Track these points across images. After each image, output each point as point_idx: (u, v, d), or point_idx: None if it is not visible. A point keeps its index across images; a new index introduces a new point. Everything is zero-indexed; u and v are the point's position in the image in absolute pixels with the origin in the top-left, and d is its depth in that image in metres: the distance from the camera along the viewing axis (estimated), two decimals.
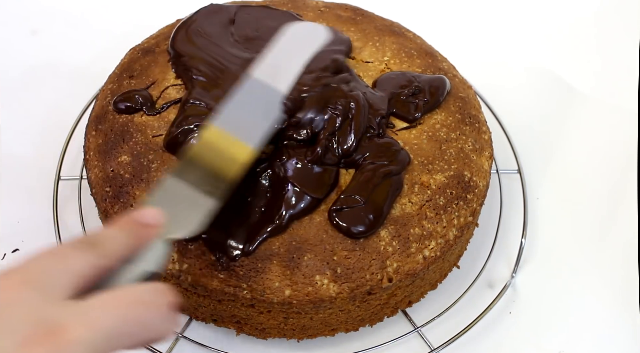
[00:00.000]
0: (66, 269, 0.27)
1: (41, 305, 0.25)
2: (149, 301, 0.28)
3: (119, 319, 0.26)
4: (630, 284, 0.53)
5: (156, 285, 0.29)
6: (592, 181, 0.60)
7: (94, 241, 0.29)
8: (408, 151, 0.47)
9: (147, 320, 0.27)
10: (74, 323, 0.25)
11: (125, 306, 0.27)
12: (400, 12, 0.64)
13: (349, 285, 0.43)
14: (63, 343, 0.24)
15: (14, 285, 0.26)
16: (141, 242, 0.31)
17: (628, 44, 0.72)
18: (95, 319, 0.26)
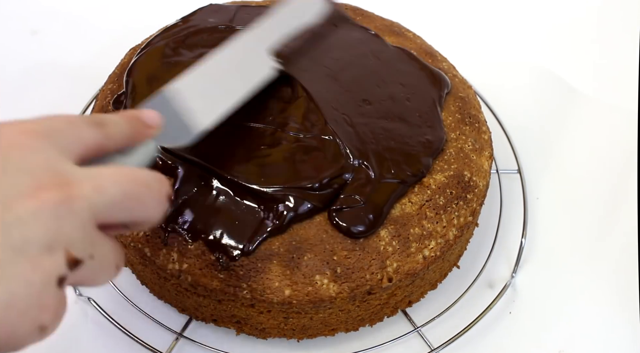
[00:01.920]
0: (77, 135, 0.28)
1: (56, 157, 0.27)
2: (151, 184, 0.29)
3: (123, 190, 0.28)
4: (630, 284, 0.53)
5: (158, 174, 0.30)
6: (592, 181, 0.60)
7: (101, 121, 0.30)
8: None
9: (145, 199, 0.29)
10: (83, 182, 0.26)
11: (131, 181, 0.28)
12: (400, 12, 0.64)
13: (349, 285, 0.43)
14: (71, 196, 0.25)
15: (29, 132, 0.27)
16: (138, 137, 0.33)
17: (628, 44, 0.72)
18: (103, 183, 0.27)
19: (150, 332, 0.48)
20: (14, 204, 0.24)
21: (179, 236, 0.43)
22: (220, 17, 0.55)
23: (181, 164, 0.44)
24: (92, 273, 0.27)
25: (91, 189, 0.26)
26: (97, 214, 0.26)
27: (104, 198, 0.27)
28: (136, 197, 0.28)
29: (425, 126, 0.49)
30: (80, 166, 0.28)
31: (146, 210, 0.29)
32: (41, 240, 0.24)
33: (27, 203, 0.24)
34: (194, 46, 0.52)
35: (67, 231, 0.25)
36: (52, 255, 0.25)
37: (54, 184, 0.25)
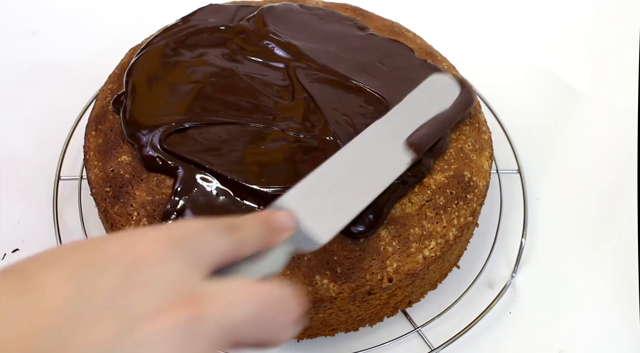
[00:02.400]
0: (211, 244, 0.27)
1: (187, 271, 0.25)
2: (283, 306, 0.27)
3: (254, 310, 0.26)
4: (630, 284, 0.53)
5: (291, 291, 0.28)
6: (592, 181, 0.61)
7: (235, 227, 0.28)
8: None
9: (275, 322, 0.27)
10: (214, 299, 0.25)
11: (263, 301, 0.26)
12: (400, 12, 0.64)
13: (349, 285, 0.43)
14: (202, 315, 0.24)
15: (167, 246, 0.25)
16: (271, 243, 0.30)
17: (628, 44, 0.72)
18: (233, 302, 0.25)
19: None
20: (142, 323, 0.23)
21: None
22: (220, 17, 0.55)
23: (181, 164, 0.44)
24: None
25: (223, 308, 0.25)
26: (229, 334, 0.25)
27: (236, 317, 0.25)
28: (269, 317, 0.26)
29: None
30: (210, 278, 0.26)
31: (274, 333, 0.27)
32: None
33: (156, 322, 0.23)
34: (194, 45, 0.52)
35: (199, 348, 0.24)
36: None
37: (185, 302, 0.24)
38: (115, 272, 0.24)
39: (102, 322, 0.22)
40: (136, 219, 0.44)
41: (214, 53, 0.52)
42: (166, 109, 0.47)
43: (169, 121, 0.46)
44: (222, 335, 0.24)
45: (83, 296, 0.23)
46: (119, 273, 0.24)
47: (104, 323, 0.22)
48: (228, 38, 0.53)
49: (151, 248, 0.25)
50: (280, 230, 0.31)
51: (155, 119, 0.46)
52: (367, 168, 0.40)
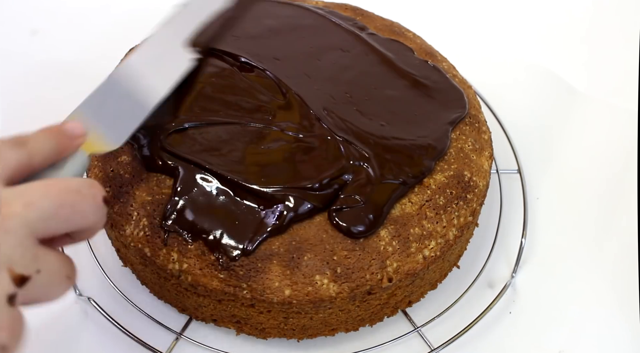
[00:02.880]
0: (1, 159, 0.29)
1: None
2: (82, 190, 0.30)
3: (54, 201, 0.28)
4: (630, 284, 0.53)
5: (89, 179, 0.31)
6: (592, 181, 0.60)
7: (22, 141, 0.31)
8: None
9: (81, 206, 0.29)
10: (12, 201, 0.27)
11: (61, 191, 0.28)
12: (400, 12, 0.64)
13: (349, 285, 0.43)
14: (3, 217, 0.26)
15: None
16: (65, 150, 0.33)
17: (628, 44, 0.72)
18: (32, 199, 0.27)
19: (150, 332, 0.48)
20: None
21: (179, 236, 0.43)
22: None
23: (181, 164, 0.44)
24: (43, 288, 0.27)
25: (21, 206, 0.26)
26: (34, 230, 0.27)
27: (36, 213, 0.27)
28: (69, 205, 0.28)
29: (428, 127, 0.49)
30: (8, 187, 0.28)
31: (83, 217, 0.30)
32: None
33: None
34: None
35: (6, 250, 0.25)
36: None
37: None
38: None
39: None
40: (136, 219, 0.44)
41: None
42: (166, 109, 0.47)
43: (169, 121, 0.46)
44: (29, 230, 0.26)
45: None
46: None
47: None
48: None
49: None
50: (73, 137, 0.34)
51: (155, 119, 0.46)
52: (154, 72, 0.43)
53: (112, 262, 0.52)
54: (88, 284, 0.50)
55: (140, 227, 0.44)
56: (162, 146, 0.45)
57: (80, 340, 0.48)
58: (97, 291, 0.50)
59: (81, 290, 0.50)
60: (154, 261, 0.43)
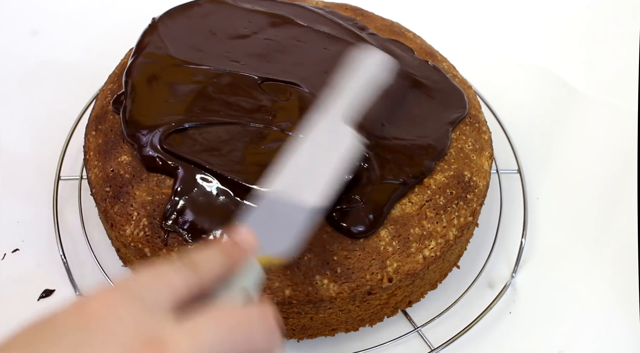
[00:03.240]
0: (167, 285, 0.27)
1: (145, 318, 0.25)
2: (253, 321, 0.28)
3: (223, 335, 0.26)
4: (630, 284, 0.53)
5: (260, 305, 0.28)
6: (592, 181, 0.60)
7: (191, 262, 0.29)
8: None
9: (251, 336, 0.27)
10: (177, 337, 0.25)
11: (230, 322, 0.27)
12: (400, 12, 0.64)
13: (349, 285, 0.43)
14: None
15: (118, 298, 0.25)
16: (236, 262, 0.31)
17: (628, 44, 0.72)
18: (199, 333, 0.25)
19: None
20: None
21: (179, 236, 0.43)
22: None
23: (181, 164, 0.44)
24: None
25: (187, 343, 0.25)
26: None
27: (204, 348, 0.25)
28: (240, 337, 0.26)
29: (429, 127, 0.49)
30: (176, 316, 0.26)
31: (255, 347, 0.27)
32: None
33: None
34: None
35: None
36: None
37: (146, 346, 0.24)
38: (67, 341, 0.24)
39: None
40: (136, 219, 0.44)
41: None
42: (166, 109, 0.47)
43: (169, 121, 0.46)
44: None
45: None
46: (70, 342, 0.24)
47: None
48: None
49: (101, 304, 0.25)
50: (245, 251, 0.31)
51: (155, 119, 0.46)
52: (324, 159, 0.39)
53: (112, 262, 0.52)
54: (88, 284, 0.50)
55: (140, 227, 0.44)
56: (162, 146, 0.45)
57: None
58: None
59: (81, 290, 0.50)
60: (154, 261, 0.43)
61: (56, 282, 0.51)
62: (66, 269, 0.51)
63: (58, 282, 0.51)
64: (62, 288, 0.50)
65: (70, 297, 0.50)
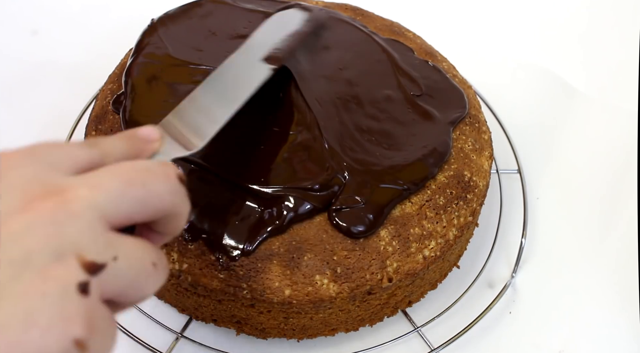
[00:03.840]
0: (69, 152, 0.27)
1: (44, 170, 0.25)
2: (152, 168, 0.27)
3: (122, 180, 0.26)
4: (630, 284, 0.53)
5: (161, 160, 0.29)
6: (592, 181, 0.60)
7: (94, 142, 0.29)
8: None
9: (153, 185, 0.27)
10: (76, 185, 0.25)
11: (129, 170, 0.27)
12: (400, 12, 0.64)
13: (349, 285, 0.43)
14: (66, 200, 0.24)
15: (18, 155, 0.25)
16: (140, 154, 0.31)
17: (628, 43, 0.72)
18: (100, 182, 0.25)
19: (150, 332, 0.48)
20: (6, 222, 0.23)
21: (179, 236, 0.43)
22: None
23: (181, 164, 0.44)
24: (125, 278, 0.25)
25: (87, 189, 0.25)
26: (105, 213, 0.25)
27: (104, 194, 0.25)
28: (140, 183, 0.26)
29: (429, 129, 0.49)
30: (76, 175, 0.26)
31: (159, 197, 0.27)
32: (44, 250, 0.23)
33: (20, 217, 0.23)
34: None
35: (72, 235, 0.23)
36: (62, 262, 0.23)
37: (45, 193, 0.24)
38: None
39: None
40: None
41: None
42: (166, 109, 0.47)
43: None
44: (99, 214, 0.24)
45: None
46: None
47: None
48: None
49: (7, 159, 0.25)
50: (147, 141, 0.32)
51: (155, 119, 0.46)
52: (232, 84, 0.43)
53: None
54: None
55: None
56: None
57: None
58: None
59: None
60: None
61: None
62: None
63: None
64: None
65: None
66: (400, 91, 0.51)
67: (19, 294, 0.22)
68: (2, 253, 0.22)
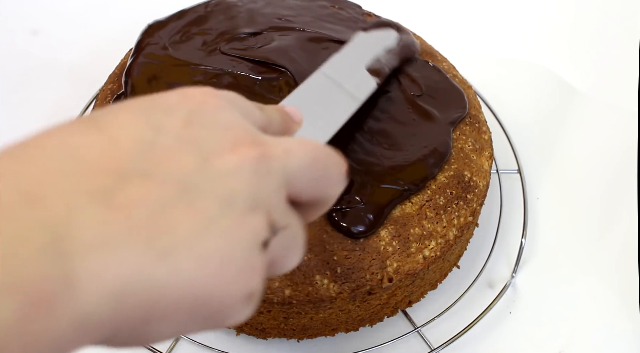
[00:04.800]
0: (254, 112, 0.27)
1: (243, 120, 0.25)
2: (333, 155, 0.28)
3: (311, 156, 0.26)
4: (630, 284, 0.53)
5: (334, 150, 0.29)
6: (592, 181, 0.60)
7: (263, 107, 0.29)
8: None
9: (330, 169, 0.27)
10: (274, 145, 0.25)
11: (316, 148, 0.27)
12: (400, 12, 0.64)
13: (349, 285, 0.43)
14: (267, 154, 0.24)
15: (220, 99, 0.25)
16: (287, 131, 0.31)
17: (628, 43, 0.72)
18: (292, 148, 0.25)
19: None
20: (216, 158, 0.23)
21: None
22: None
23: None
24: (286, 249, 0.25)
25: (282, 152, 0.25)
26: (289, 180, 0.25)
27: (295, 161, 0.25)
28: (323, 163, 0.27)
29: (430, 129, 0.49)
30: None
31: (329, 183, 0.28)
32: (246, 196, 0.23)
33: (229, 157, 0.23)
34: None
35: (268, 191, 0.23)
36: (256, 213, 0.23)
37: (250, 142, 0.24)
38: (180, 115, 0.24)
39: (180, 153, 0.22)
40: None
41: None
42: None
43: None
44: (285, 178, 0.25)
45: (156, 132, 0.23)
46: (184, 115, 0.24)
47: (182, 154, 0.22)
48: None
49: (207, 98, 0.25)
50: (293, 121, 0.32)
51: None
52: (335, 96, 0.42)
53: None
54: None
55: None
56: None
57: None
58: None
59: None
60: None
61: None
62: None
63: None
64: None
65: None
66: (401, 91, 0.51)
67: (222, 231, 0.21)
68: (213, 187, 0.22)
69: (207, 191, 0.22)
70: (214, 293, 0.21)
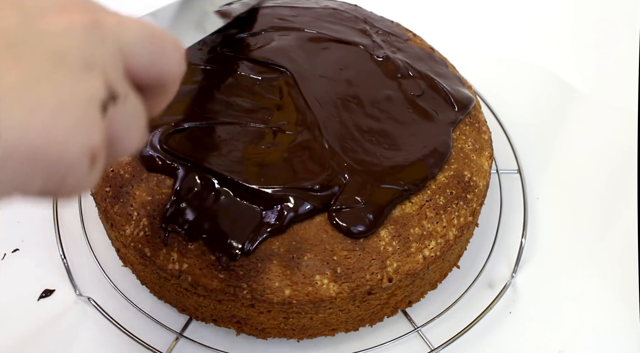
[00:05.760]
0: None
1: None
2: (169, 36, 0.28)
3: (147, 32, 0.26)
4: (630, 284, 0.53)
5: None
6: (592, 181, 0.60)
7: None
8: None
9: (168, 48, 0.28)
10: (109, 15, 0.25)
11: (152, 26, 0.27)
12: (400, 12, 0.64)
13: (349, 285, 0.43)
14: (99, 21, 0.24)
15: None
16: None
17: (628, 43, 0.72)
18: (127, 22, 0.26)
19: (150, 332, 0.48)
20: (42, 19, 0.22)
21: (179, 236, 0.43)
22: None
23: (181, 164, 0.44)
24: (126, 121, 0.25)
25: (117, 23, 0.25)
26: (126, 53, 0.25)
27: (130, 34, 0.25)
28: (160, 42, 0.27)
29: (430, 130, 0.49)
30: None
31: (168, 61, 0.28)
32: (78, 55, 0.22)
33: (56, 19, 0.23)
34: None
35: (102, 56, 0.24)
36: (91, 74, 0.23)
37: (82, 9, 0.24)
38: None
39: (2, 10, 0.22)
40: (136, 219, 0.44)
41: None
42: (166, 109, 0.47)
43: (169, 121, 0.46)
44: (121, 49, 0.25)
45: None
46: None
47: (3, 12, 0.22)
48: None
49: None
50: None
51: (154, 119, 0.46)
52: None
53: (112, 262, 0.52)
54: (88, 284, 0.50)
55: (140, 227, 0.44)
56: (161, 146, 0.45)
57: (80, 340, 0.48)
58: (97, 291, 0.50)
59: (81, 290, 0.50)
60: (154, 261, 0.43)
61: (56, 282, 0.51)
62: (66, 269, 0.51)
63: (58, 282, 0.51)
64: (62, 288, 0.50)
65: (70, 297, 0.50)
66: (401, 91, 0.51)
67: (54, 85, 0.21)
68: (42, 44, 0.22)
69: (35, 47, 0.22)
70: (50, 142, 0.21)
